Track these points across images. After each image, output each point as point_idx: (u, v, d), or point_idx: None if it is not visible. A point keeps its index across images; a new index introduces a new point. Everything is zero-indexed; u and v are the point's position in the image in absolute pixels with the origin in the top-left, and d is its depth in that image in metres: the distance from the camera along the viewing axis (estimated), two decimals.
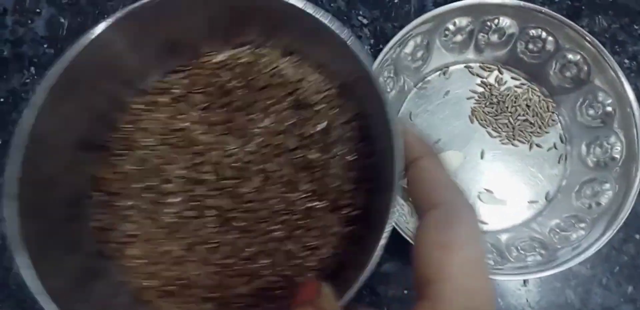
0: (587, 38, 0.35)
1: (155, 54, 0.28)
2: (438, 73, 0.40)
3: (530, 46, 0.38)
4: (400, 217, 0.34)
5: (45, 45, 0.40)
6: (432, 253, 0.17)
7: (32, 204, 0.23)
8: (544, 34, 0.37)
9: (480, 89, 0.40)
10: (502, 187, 0.38)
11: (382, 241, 0.21)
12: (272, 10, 0.25)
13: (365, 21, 0.41)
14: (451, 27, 0.38)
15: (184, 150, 0.27)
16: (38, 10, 0.41)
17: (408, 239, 0.31)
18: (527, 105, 0.39)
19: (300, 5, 0.23)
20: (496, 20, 0.38)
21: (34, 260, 0.21)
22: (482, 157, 0.38)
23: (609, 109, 0.36)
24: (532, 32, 0.38)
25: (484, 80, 0.40)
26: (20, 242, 0.21)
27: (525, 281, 0.36)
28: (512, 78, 0.40)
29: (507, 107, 0.39)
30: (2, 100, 0.38)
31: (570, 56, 0.37)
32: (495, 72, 0.40)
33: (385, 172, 0.24)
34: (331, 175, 0.27)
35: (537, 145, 0.39)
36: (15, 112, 0.38)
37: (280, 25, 0.27)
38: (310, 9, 0.23)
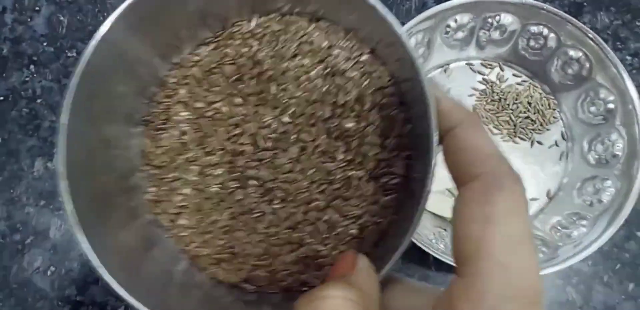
0: (589, 35, 0.35)
1: (186, 26, 0.27)
2: (439, 70, 0.40)
3: (532, 43, 0.38)
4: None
5: (44, 44, 0.40)
6: (472, 228, 0.15)
7: (88, 178, 0.24)
8: (545, 31, 0.37)
9: (482, 86, 0.40)
10: None
11: (422, 206, 0.21)
12: None
13: None
14: (452, 24, 0.37)
15: (221, 122, 0.28)
16: (37, 8, 0.40)
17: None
18: (529, 103, 0.39)
19: None
20: (497, 17, 0.38)
21: (92, 233, 0.22)
22: None
23: (611, 105, 0.36)
24: (534, 28, 0.38)
25: (485, 77, 0.40)
26: (75, 216, 0.22)
27: None
28: (514, 75, 0.40)
29: (509, 105, 0.39)
30: (1, 98, 0.38)
31: (571, 53, 0.37)
32: (497, 69, 0.40)
33: (422, 138, 0.23)
34: (368, 144, 0.26)
35: (539, 143, 0.39)
36: (15, 111, 0.38)
37: None
38: None
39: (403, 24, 0.37)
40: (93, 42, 0.23)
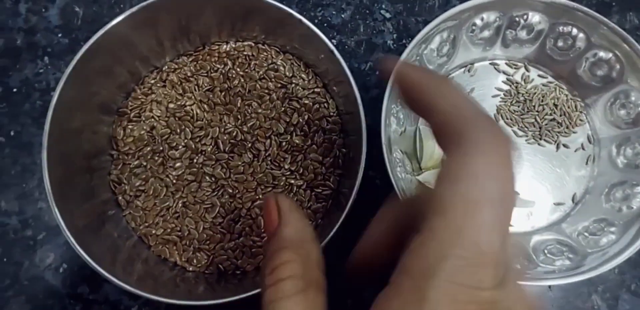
0: (622, 36, 0.34)
1: (170, 38, 0.33)
2: (462, 70, 0.39)
3: (560, 43, 0.37)
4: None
5: (59, 35, 0.39)
6: (440, 186, 0.15)
7: (60, 154, 0.28)
8: (574, 31, 0.36)
9: (506, 87, 0.39)
10: (527, 188, 0.37)
11: (344, 215, 0.27)
12: (272, 15, 0.30)
13: (388, 15, 0.40)
14: (479, 22, 0.36)
15: (187, 123, 0.33)
16: None
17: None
18: (555, 104, 0.38)
19: (296, 15, 0.29)
20: (525, 16, 0.36)
21: (59, 200, 0.26)
22: None
23: None
24: (562, 28, 0.36)
25: (510, 77, 0.39)
26: (50, 183, 0.26)
27: (550, 286, 0.35)
28: (539, 76, 0.39)
29: (534, 106, 0.38)
30: (15, 90, 0.37)
31: (602, 54, 0.36)
32: (522, 70, 0.39)
33: (353, 161, 0.29)
34: (310, 159, 0.32)
35: (565, 146, 0.38)
36: (29, 103, 0.37)
37: (279, 28, 0.32)
38: (305, 19, 0.29)
39: (425, 20, 0.36)
40: (99, 32, 0.28)
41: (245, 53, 0.34)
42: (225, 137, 0.32)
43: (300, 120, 0.33)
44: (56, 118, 0.27)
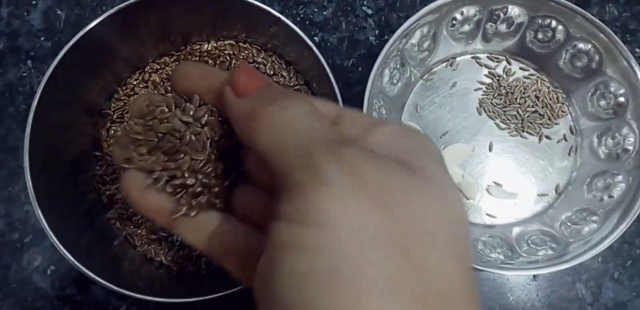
0: (599, 27, 0.34)
1: (152, 39, 0.33)
2: (444, 64, 0.39)
3: (540, 35, 0.37)
4: None
5: (42, 38, 0.39)
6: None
7: (44, 156, 0.27)
8: (553, 23, 0.36)
9: (488, 80, 0.39)
10: (511, 180, 0.37)
11: None
12: (252, 13, 0.30)
13: (369, 11, 0.40)
14: (458, 16, 0.37)
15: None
16: (34, 1, 0.39)
17: None
18: (537, 96, 0.38)
19: (275, 13, 0.29)
20: (505, 9, 0.37)
21: (43, 203, 0.26)
22: (490, 150, 0.37)
23: (622, 99, 0.35)
24: (542, 21, 0.37)
25: (492, 71, 0.39)
26: (33, 185, 0.26)
27: (535, 275, 0.36)
28: (521, 68, 0.39)
29: (516, 99, 0.38)
30: None
31: (581, 45, 0.36)
32: (504, 63, 0.39)
33: None
34: None
35: (547, 137, 0.38)
36: (13, 107, 0.37)
37: (260, 26, 0.32)
38: (284, 17, 0.29)
39: (407, 16, 0.36)
40: (79, 34, 0.28)
41: (226, 52, 0.34)
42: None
43: None
44: (38, 121, 0.27)
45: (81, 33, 0.29)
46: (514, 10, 0.37)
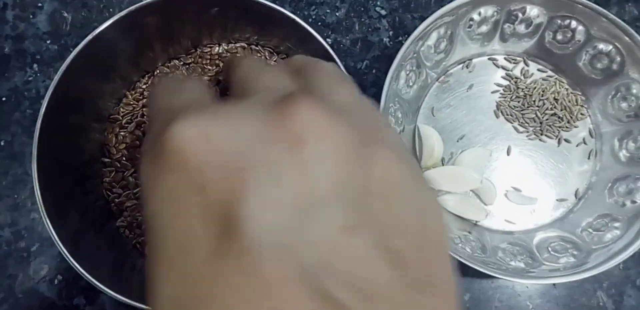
0: (622, 27, 0.33)
1: (161, 42, 0.32)
2: (460, 66, 0.38)
3: (559, 36, 0.37)
4: None
5: (48, 41, 0.38)
6: None
7: (52, 163, 0.27)
8: (573, 24, 0.35)
9: (506, 82, 0.38)
10: (529, 184, 0.36)
11: None
12: (264, 14, 0.29)
13: (383, 12, 0.39)
14: (476, 17, 0.36)
15: None
16: (39, 4, 0.39)
17: None
18: (555, 99, 0.37)
19: (289, 14, 0.28)
20: (523, 10, 0.36)
21: (51, 210, 0.26)
22: (508, 154, 0.37)
23: None
24: (561, 21, 0.36)
25: (509, 72, 0.38)
26: (41, 193, 0.25)
27: (555, 284, 0.35)
28: (539, 70, 0.38)
29: (534, 101, 0.37)
30: (4, 99, 0.37)
31: (601, 46, 0.35)
32: (521, 64, 0.38)
33: None
34: None
35: (566, 140, 0.37)
36: (19, 112, 0.36)
37: (272, 28, 0.31)
38: (298, 18, 0.29)
39: (422, 17, 0.35)
40: (88, 37, 0.27)
41: (238, 55, 0.34)
42: None
43: None
44: (46, 126, 0.26)
45: (90, 37, 0.28)
46: (532, 11, 0.36)
